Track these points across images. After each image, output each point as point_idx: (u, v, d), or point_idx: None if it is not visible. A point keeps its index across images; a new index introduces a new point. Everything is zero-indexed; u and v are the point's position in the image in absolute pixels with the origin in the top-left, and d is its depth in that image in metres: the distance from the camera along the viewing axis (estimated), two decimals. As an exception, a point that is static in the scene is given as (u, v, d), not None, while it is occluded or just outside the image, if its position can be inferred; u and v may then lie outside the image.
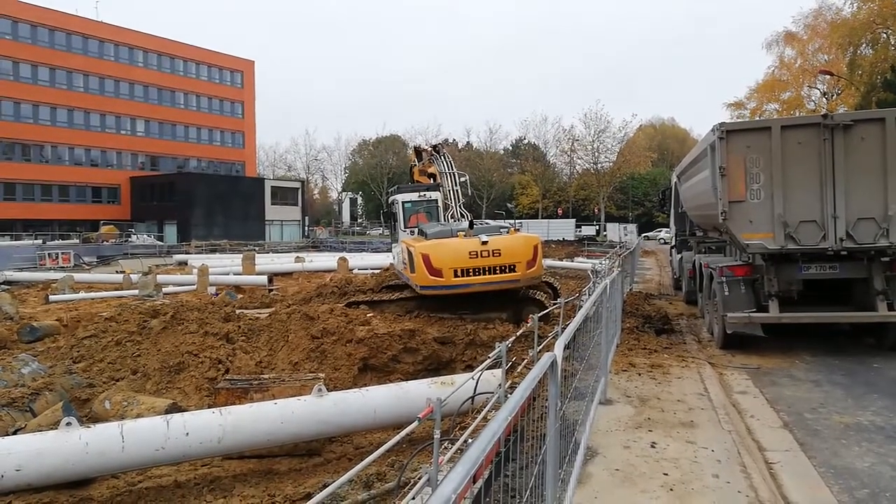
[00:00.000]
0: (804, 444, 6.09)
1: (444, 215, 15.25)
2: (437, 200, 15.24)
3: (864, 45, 41.97)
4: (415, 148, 18.96)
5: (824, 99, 49.16)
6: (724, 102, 63.68)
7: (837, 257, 9.61)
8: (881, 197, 9.14)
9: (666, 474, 5.27)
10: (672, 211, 20.58)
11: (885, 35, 41.01)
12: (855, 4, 42.10)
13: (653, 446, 5.94)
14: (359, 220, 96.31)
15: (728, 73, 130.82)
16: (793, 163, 9.37)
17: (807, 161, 9.35)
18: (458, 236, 12.25)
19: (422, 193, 15.37)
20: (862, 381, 8.42)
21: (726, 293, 10.15)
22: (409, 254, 12.56)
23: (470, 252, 11.92)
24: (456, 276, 11.82)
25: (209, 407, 8.63)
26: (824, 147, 9.27)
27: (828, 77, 43.72)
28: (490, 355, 5.50)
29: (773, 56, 51.71)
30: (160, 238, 58.87)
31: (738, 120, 43.75)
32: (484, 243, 12.04)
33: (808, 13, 48.77)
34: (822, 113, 10.12)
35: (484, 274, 11.97)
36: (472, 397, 6.38)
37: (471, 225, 12.97)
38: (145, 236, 57.55)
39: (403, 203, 15.21)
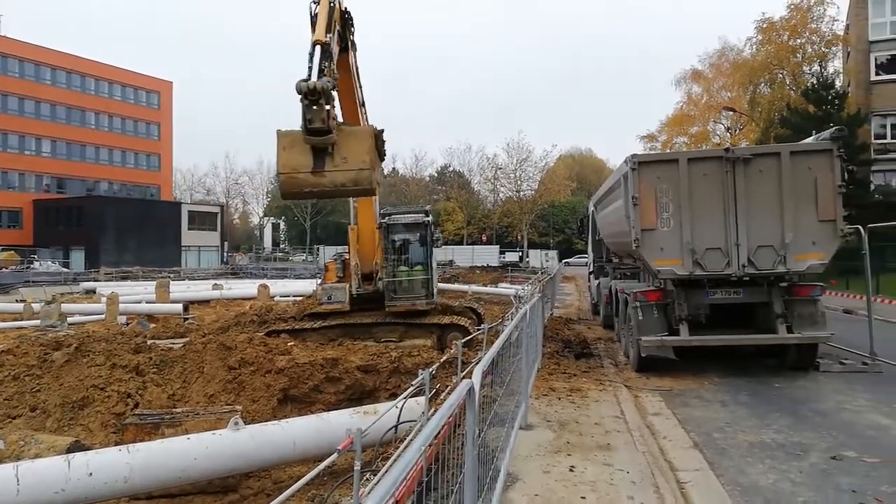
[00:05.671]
0: (713, 464, 6.35)
1: None
2: None
3: (762, 85, 45.09)
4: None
5: (728, 133, 52.11)
6: (637, 135, 66.42)
7: (741, 283, 10.18)
8: (778, 226, 9.78)
9: (583, 498, 5.37)
10: (590, 238, 21.27)
11: (780, 75, 44.20)
12: (754, 47, 45.29)
13: (571, 470, 6.04)
14: (281, 246, 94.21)
15: (641, 106, 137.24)
16: (699, 193, 9.92)
17: (711, 192, 9.92)
18: None
19: None
20: (765, 401, 8.90)
21: (640, 317, 10.54)
22: None
23: None
24: None
25: (116, 444, 8.15)
26: (727, 179, 9.87)
27: (731, 113, 46.62)
28: (413, 383, 5.47)
29: (682, 92, 54.44)
30: (66, 265, 55.51)
31: (650, 152, 45.83)
32: None
33: (712, 53, 51.66)
34: (725, 147, 10.76)
35: None
36: (396, 426, 6.30)
37: None
38: (49, 263, 54.06)
39: None
